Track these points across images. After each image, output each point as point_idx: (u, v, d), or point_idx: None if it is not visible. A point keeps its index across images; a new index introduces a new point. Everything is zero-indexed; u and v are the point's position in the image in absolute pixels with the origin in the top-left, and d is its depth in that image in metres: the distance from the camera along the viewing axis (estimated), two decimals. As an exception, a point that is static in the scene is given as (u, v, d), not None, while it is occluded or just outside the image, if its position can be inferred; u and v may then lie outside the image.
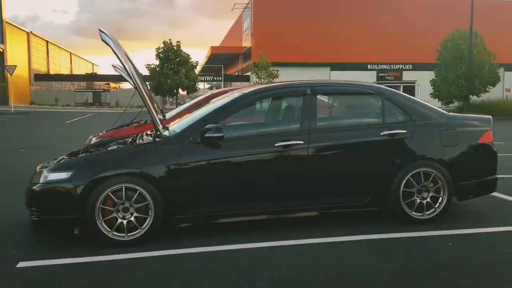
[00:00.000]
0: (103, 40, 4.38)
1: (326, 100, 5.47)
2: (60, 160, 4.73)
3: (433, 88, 31.80)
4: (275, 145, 4.59)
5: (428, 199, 4.87)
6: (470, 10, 26.47)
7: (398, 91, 5.29)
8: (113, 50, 4.38)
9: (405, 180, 4.79)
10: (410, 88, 42.53)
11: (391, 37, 45.46)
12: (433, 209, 4.88)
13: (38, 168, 4.67)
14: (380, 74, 46.63)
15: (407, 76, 46.48)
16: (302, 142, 4.64)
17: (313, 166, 4.70)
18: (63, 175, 4.29)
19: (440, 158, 4.90)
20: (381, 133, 4.84)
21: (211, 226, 4.72)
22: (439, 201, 4.89)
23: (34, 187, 4.35)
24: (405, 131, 4.88)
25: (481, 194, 5.28)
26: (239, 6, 50.34)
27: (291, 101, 5.38)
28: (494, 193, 5.64)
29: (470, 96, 30.03)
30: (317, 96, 4.92)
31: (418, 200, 4.85)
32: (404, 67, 47.08)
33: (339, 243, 4.35)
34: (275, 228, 4.77)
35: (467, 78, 28.68)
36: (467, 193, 5.10)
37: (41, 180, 4.34)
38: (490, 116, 5.38)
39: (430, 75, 33.75)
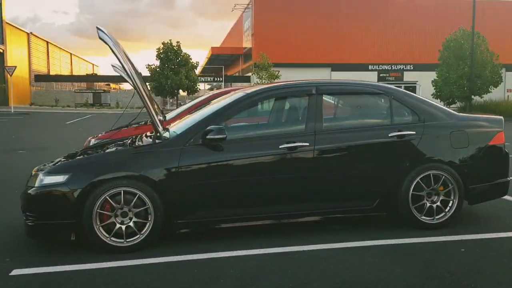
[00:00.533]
0: (100, 38, 4.21)
1: (332, 100, 5.30)
2: (57, 162, 4.56)
3: (434, 89, 31.60)
4: (280, 147, 4.42)
5: (438, 203, 4.69)
6: (471, 11, 26.30)
7: (406, 91, 5.11)
8: (111, 48, 4.21)
9: (414, 183, 4.62)
10: (411, 89, 42.16)
11: (392, 37, 45.36)
12: (443, 213, 4.70)
13: (33, 171, 4.50)
14: (381, 75, 46.47)
15: (408, 76, 46.31)
16: (308, 144, 4.47)
17: (318, 169, 4.53)
18: (59, 178, 4.13)
19: (450, 160, 4.72)
20: (389, 135, 4.67)
21: (214, 231, 4.56)
22: (450, 205, 4.71)
23: (29, 191, 4.19)
24: (414, 132, 4.70)
25: (493, 198, 5.11)
26: (240, 6, 50.26)
27: (296, 101, 5.19)
28: (506, 197, 5.45)
29: (472, 97, 29.83)
30: (323, 96, 4.76)
31: (428, 204, 4.67)
32: (405, 67, 46.92)
33: (348, 249, 4.18)
34: (280, 234, 4.60)
35: (469, 78, 28.49)
36: (478, 196, 4.92)
37: (37, 184, 4.18)
38: (502, 117, 5.21)
39: (431, 75, 33.57)
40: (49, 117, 29.62)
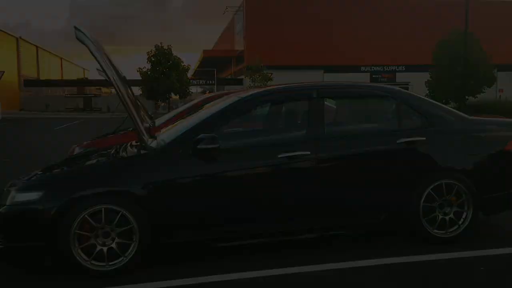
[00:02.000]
0: (78, 39, 3.80)
1: (335, 104, 4.90)
2: (32, 176, 4.11)
3: (428, 89, 31.40)
4: (279, 156, 4.00)
5: (451, 215, 4.30)
6: (462, 12, 26.06)
7: (414, 93, 4.73)
8: (89, 49, 3.80)
9: (425, 194, 4.22)
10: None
11: (383, 39, 45.17)
12: (456, 226, 4.31)
13: (6, 187, 4.05)
14: (373, 76, 46.30)
15: (400, 77, 46.15)
16: (309, 153, 4.06)
17: (321, 180, 4.11)
18: (33, 195, 3.69)
19: (463, 168, 4.33)
20: (398, 141, 4.27)
21: (204, 252, 4.13)
22: (463, 216, 4.32)
23: (-1, 210, 3.74)
24: (424, 138, 4.31)
25: (510, 208, 4.72)
26: (231, 9, 49.84)
27: (295, 106, 4.79)
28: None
29: (466, 97, 29.63)
30: (325, 100, 4.36)
31: (440, 216, 4.28)
32: (397, 68, 46.81)
33: (357, 270, 3.77)
34: (278, 252, 4.17)
35: (462, 78, 28.28)
36: (494, 206, 4.53)
37: (8, 202, 3.73)
38: (517, 120, 4.83)
39: (423, 76, 33.36)
40: (39, 122, 29.01)
